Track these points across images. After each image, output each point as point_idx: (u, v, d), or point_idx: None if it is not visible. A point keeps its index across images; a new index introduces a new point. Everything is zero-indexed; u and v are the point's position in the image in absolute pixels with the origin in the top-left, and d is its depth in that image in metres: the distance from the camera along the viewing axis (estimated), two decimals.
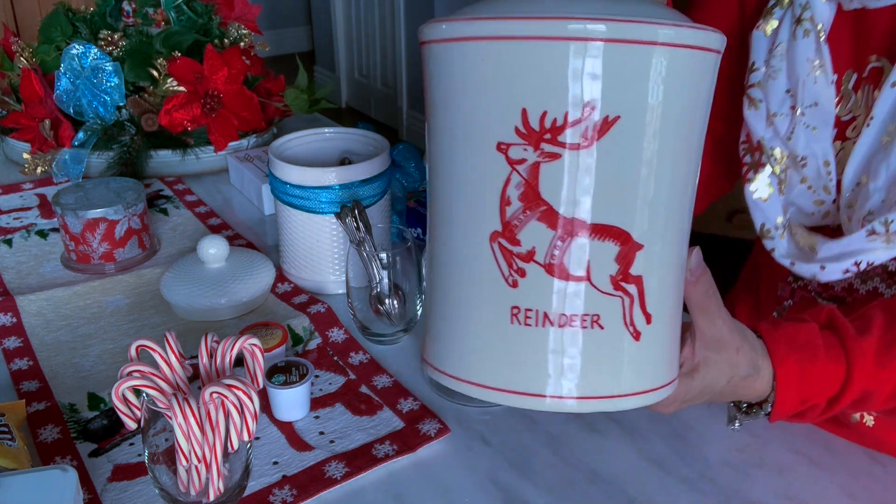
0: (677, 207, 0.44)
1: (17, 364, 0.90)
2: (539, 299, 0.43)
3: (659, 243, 0.44)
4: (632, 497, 0.72)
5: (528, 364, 0.44)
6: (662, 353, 0.47)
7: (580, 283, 0.43)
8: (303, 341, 0.94)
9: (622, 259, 0.43)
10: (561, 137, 0.41)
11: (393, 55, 3.88)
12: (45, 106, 1.37)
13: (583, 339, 0.43)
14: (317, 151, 1.09)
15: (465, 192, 0.44)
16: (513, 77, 0.40)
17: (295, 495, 0.72)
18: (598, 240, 0.42)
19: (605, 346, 0.44)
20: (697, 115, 0.44)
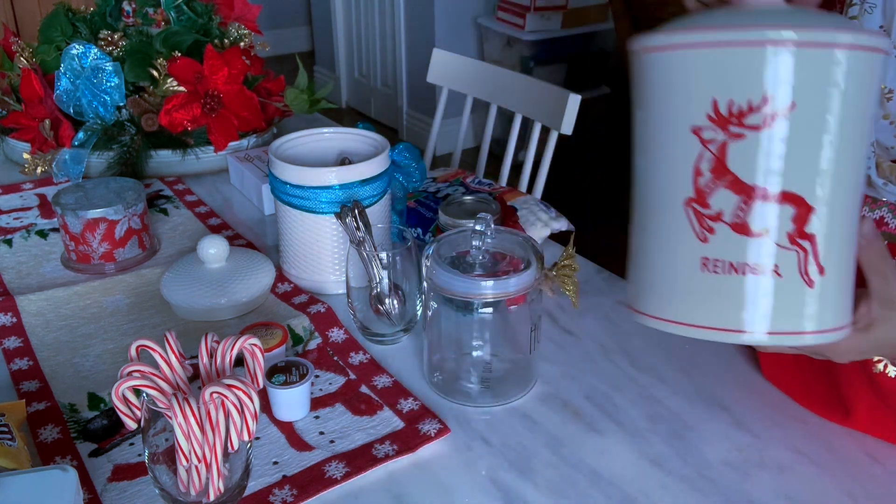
0: (845, 178, 0.52)
1: (17, 364, 0.90)
2: (726, 251, 0.52)
3: (829, 207, 0.52)
4: (632, 497, 0.72)
5: (719, 305, 0.53)
6: (834, 301, 0.54)
7: (761, 238, 0.52)
8: (303, 341, 0.94)
9: (798, 219, 0.51)
10: (746, 121, 0.51)
11: (393, 55, 3.88)
12: (45, 106, 1.37)
13: (763, 285, 0.52)
14: (317, 151, 1.09)
15: (664, 167, 0.55)
16: (710, 74, 0.51)
17: (295, 495, 0.72)
18: (777, 203, 0.51)
19: (784, 292, 0.52)
20: (865, 105, 0.53)
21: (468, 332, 0.85)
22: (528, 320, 0.84)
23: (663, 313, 0.56)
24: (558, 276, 0.85)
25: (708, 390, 0.86)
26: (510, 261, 0.84)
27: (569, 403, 0.85)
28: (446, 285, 0.80)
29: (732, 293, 0.53)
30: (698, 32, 0.53)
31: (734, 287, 0.53)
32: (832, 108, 0.51)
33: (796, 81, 0.50)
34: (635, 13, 2.80)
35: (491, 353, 0.86)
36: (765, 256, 0.52)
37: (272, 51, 1.83)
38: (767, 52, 0.50)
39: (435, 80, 1.77)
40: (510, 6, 3.45)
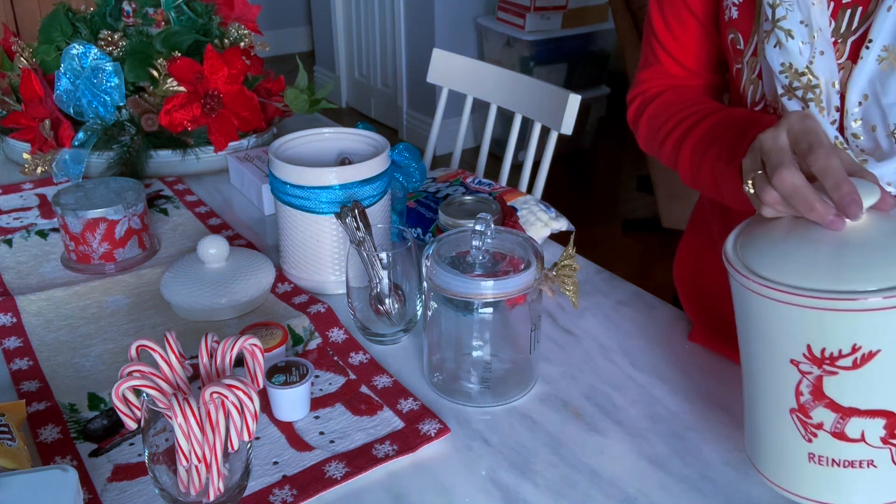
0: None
1: (17, 364, 0.90)
2: (828, 451, 0.61)
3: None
4: (632, 497, 0.72)
5: (825, 486, 0.63)
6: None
7: (856, 443, 0.60)
8: (303, 341, 0.94)
9: (888, 427, 0.59)
10: (837, 363, 0.58)
11: (393, 55, 3.88)
12: (45, 106, 1.37)
13: (862, 475, 0.61)
14: (316, 151, 1.09)
15: (770, 383, 0.64)
16: (807, 326, 0.59)
17: (295, 495, 0.72)
18: (869, 418, 0.59)
19: (879, 479, 0.61)
20: None
21: (468, 332, 0.85)
22: (528, 320, 0.84)
23: (778, 480, 0.66)
24: (558, 276, 0.85)
25: (708, 390, 0.86)
26: (510, 261, 0.84)
27: (569, 403, 0.85)
28: (446, 285, 0.80)
29: (836, 479, 0.62)
30: (798, 296, 0.58)
31: (838, 475, 0.62)
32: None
33: (883, 333, 0.57)
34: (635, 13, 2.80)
35: (491, 353, 0.86)
36: (861, 455, 0.60)
37: (272, 51, 1.84)
38: (859, 316, 0.57)
39: (435, 80, 1.77)
40: (510, 6, 3.45)
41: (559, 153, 1.53)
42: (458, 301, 0.82)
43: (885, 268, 0.57)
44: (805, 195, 0.61)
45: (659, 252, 2.88)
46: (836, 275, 0.58)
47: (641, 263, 2.83)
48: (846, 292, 0.56)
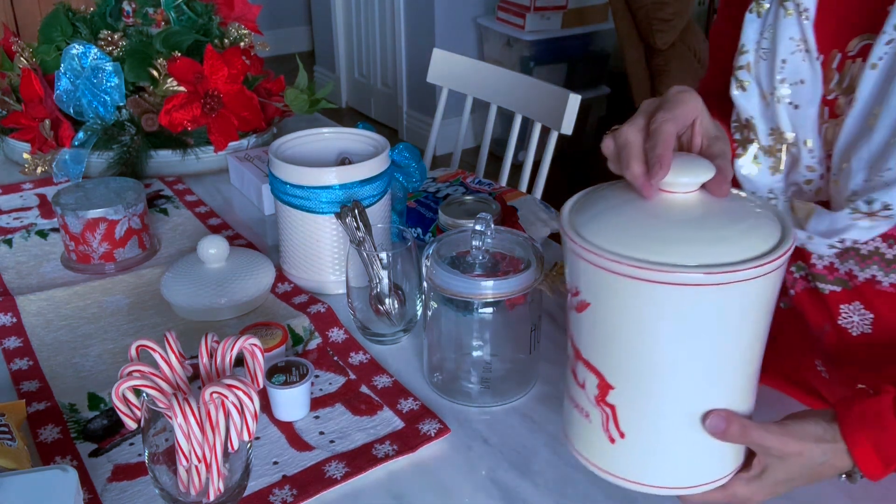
0: (658, 374, 0.59)
1: (17, 364, 0.90)
2: (569, 387, 0.65)
3: (631, 388, 0.60)
4: (632, 497, 0.72)
5: (565, 421, 0.67)
6: (638, 461, 0.62)
7: (581, 389, 0.63)
8: (303, 341, 0.94)
9: (600, 388, 0.61)
10: (573, 301, 0.61)
11: (393, 55, 3.88)
12: (45, 106, 1.37)
13: (580, 422, 0.64)
14: (316, 151, 1.09)
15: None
16: (567, 261, 0.61)
17: (295, 495, 0.72)
18: (588, 370, 0.61)
19: (593, 435, 0.63)
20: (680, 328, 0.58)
21: (468, 332, 0.85)
22: (528, 320, 0.84)
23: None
24: (558, 276, 0.85)
25: None
26: (510, 261, 0.84)
27: None
28: (446, 285, 0.80)
29: (568, 415, 0.66)
30: (571, 240, 0.59)
31: (569, 412, 0.66)
32: (624, 317, 0.58)
33: (593, 288, 0.59)
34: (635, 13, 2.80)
35: (491, 353, 0.86)
36: (582, 403, 0.63)
37: (272, 51, 1.83)
38: (579, 263, 0.59)
39: (435, 80, 1.77)
40: (510, 6, 3.45)
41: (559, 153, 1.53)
42: (458, 301, 0.82)
43: (647, 239, 0.57)
44: (629, 152, 0.61)
45: None
46: (605, 230, 0.58)
47: None
48: (589, 242, 0.57)
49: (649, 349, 0.58)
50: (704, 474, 0.63)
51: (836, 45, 0.76)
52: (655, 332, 0.57)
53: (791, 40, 0.75)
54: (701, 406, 0.60)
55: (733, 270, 0.54)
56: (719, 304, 0.56)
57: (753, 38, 0.78)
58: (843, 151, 0.75)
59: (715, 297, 0.56)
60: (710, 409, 0.60)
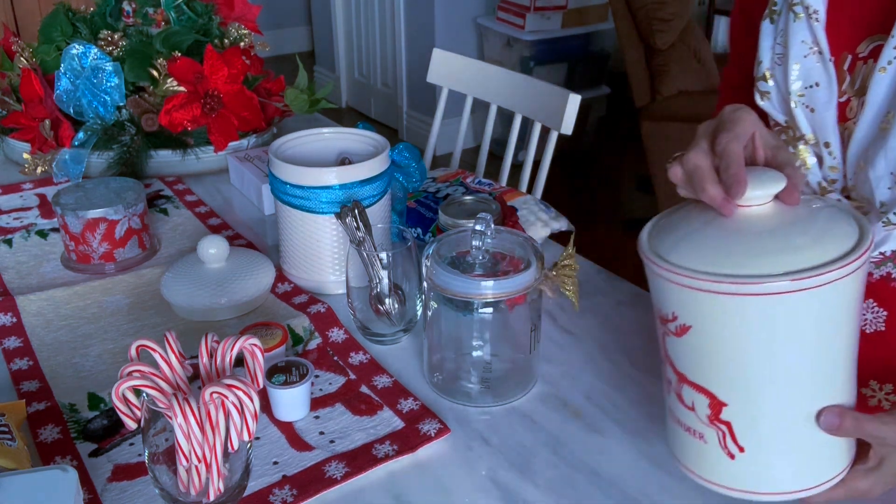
0: (768, 384, 0.60)
1: (17, 364, 0.90)
2: (674, 409, 0.66)
3: (744, 402, 0.61)
4: (632, 497, 0.72)
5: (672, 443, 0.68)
6: (760, 472, 0.63)
7: (689, 411, 0.63)
8: (303, 341, 0.94)
9: (712, 407, 0.62)
10: (668, 326, 0.62)
11: (393, 55, 3.88)
12: (45, 106, 1.37)
13: (694, 444, 0.64)
14: (316, 151, 1.09)
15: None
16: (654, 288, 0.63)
17: (295, 495, 0.72)
18: (696, 391, 0.62)
19: (709, 455, 0.63)
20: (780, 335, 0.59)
21: (468, 332, 0.85)
22: (528, 320, 0.84)
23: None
24: (558, 276, 0.85)
25: None
26: (510, 261, 0.84)
27: (569, 403, 0.85)
28: (446, 285, 0.80)
29: (678, 437, 0.66)
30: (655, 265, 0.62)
31: (679, 435, 0.66)
32: (727, 335, 0.59)
33: (692, 311, 0.60)
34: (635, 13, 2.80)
35: (491, 353, 0.86)
36: (693, 425, 0.64)
37: (272, 51, 1.83)
38: (674, 288, 0.60)
39: (435, 80, 1.77)
40: (510, 6, 3.45)
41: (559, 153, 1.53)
42: (458, 301, 0.82)
43: (734, 255, 0.59)
44: (701, 176, 0.62)
45: None
46: (692, 252, 0.60)
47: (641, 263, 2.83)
48: (680, 266, 0.59)
49: (757, 361, 0.59)
50: (824, 472, 0.64)
51: (847, 46, 0.76)
52: (759, 343, 0.59)
53: (803, 43, 0.75)
54: (813, 407, 0.61)
55: (818, 274, 0.56)
56: (814, 307, 0.58)
57: (769, 46, 0.79)
58: (858, 154, 0.75)
59: (808, 301, 0.57)
60: (821, 408, 0.61)
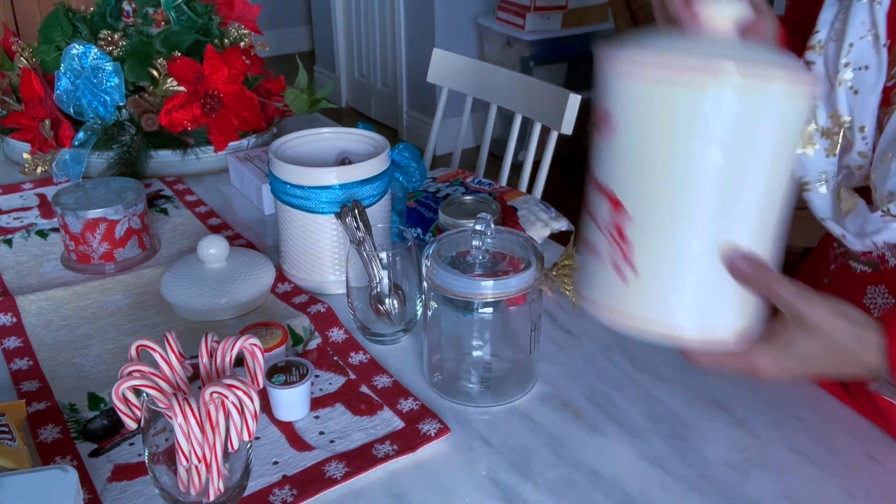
0: (679, 200, 0.57)
1: (17, 364, 0.90)
2: (585, 228, 0.62)
3: (651, 216, 0.57)
4: (632, 497, 0.72)
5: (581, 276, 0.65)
6: (651, 297, 0.59)
7: (591, 223, 0.60)
8: (303, 341, 0.94)
9: (613, 215, 0.58)
10: (599, 124, 0.59)
11: (393, 55, 3.88)
12: (45, 106, 1.37)
13: (591, 264, 0.62)
14: (316, 151, 1.09)
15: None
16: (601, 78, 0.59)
17: (295, 495, 0.72)
18: (602, 195, 0.58)
19: (603, 273, 0.60)
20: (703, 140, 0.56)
21: (468, 332, 0.85)
22: (528, 320, 0.84)
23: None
24: (558, 276, 0.85)
25: (708, 390, 0.86)
26: (510, 261, 0.84)
27: (569, 403, 0.85)
28: (446, 285, 0.80)
29: (584, 262, 0.63)
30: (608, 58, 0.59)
31: (585, 256, 0.63)
32: (654, 135, 0.56)
33: (624, 104, 0.57)
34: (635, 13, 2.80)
35: (491, 353, 0.86)
36: (592, 237, 0.60)
37: (272, 51, 1.83)
38: (611, 75, 0.57)
39: (435, 80, 1.77)
40: (510, 6, 3.45)
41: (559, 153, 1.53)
42: (458, 301, 0.82)
43: (683, 53, 0.56)
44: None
45: None
46: (639, 50, 0.57)
47: None
48: (626, 53, 0.57)
49: (674, 170, 0.56)
50: (719, 318, 0.60)
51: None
52: (682, 148, 0.55)
53: (862, 24, 0.75)
54: (723, 238, 0.57)
55: (767, 77, 0.54)
56: (749, 118, 0.55)
57: (828, 19, 0.78)
58: (889, 143, 0.74)
59: (746, 107, 0.54)
60: (731, 246, 0.57)
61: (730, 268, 0.57)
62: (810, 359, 0.62)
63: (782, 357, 0.62)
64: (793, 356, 0.61)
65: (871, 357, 0.62)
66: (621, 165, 0.58)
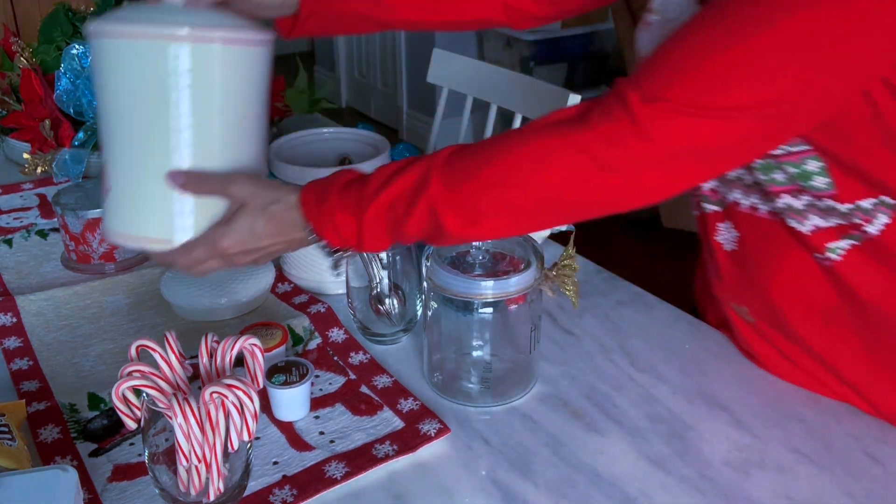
0: (130, 133, 0.73)
1: (17, 364, 0.90)
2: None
3: (111, 144, 0.74)
4: (632, 497, 0.72)
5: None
6: (123, 213, 0.75)
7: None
8: (303, 341, 0.94)
9: (104, 154, 0.75)
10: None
11: (393, 55, 3.88)
12: (45, 106, 1.37)
13: (102, 195, 0.77)
14: (317, 151, 1.09)
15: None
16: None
17: (295, 495, 0.72)
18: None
19: (104, 202, 0.76)
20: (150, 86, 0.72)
21: (468, 332, 0.85)
22: (528, 320, 0.84)
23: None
24: (558, 276, 0.85)
25: (708, 390, 0.86)
26: (510, 261, 0.84)
27: (569, 403, 0.85)
28: (446, 285, 0.80)
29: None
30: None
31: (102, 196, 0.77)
32: (122, 83, 0.72)
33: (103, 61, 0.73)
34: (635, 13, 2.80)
35: (491, 353, 0.86)
36: (103, 171, 0.76)
37: None
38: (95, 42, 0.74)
39: (435, 80, 1.77)
40: None
41: None
42: (458, 301, 0.82)
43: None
44: None
45: (659, 252, 2.88)
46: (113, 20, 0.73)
47: (641, 263, 2.83)
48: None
49: (137, 109, 0.72)
50: (177, 225, 0.74)
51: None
52: (146, 92, 0.71)
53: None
54: (174, 163, 0.72)
55: (206, 36, 0.71)
56: (196, 67, 0.70)
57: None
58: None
59: (193, 58, 0.70)
60: (179, 166, 0.72)
61: (178, 185, 0.72)
62: (255, 230, 0.73)
63: (233, 233, 0.73)
64: (240, 230, 0.73)
65: (295, 216, 0.74)
66: (103, 110, 0.73)
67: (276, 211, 0.73)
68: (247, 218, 0.73)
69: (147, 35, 0.70)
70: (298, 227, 0.74)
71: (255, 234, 0.74)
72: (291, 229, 0.74)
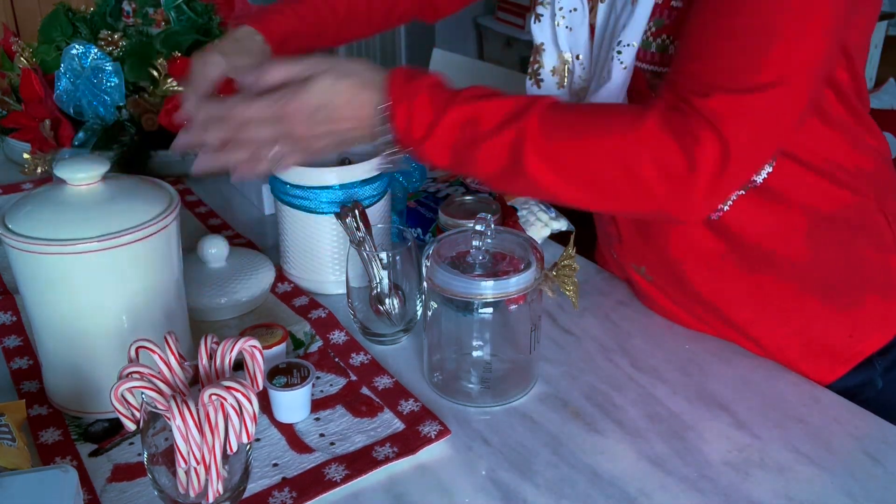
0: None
1: (17, 363, 0.90)
2: None
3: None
4: (632, 497, 0.72)
5: None
6: None
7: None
8: (304, 345, 0.94)
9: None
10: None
11: (393, 55, 3.88)
12: (45, 106, 1.37)
13: None
14: None
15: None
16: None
17: (295, 497, 0.71)
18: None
19: None
20: None
21: (468, 332, 0.85)
22: (528, 320, 0.84)
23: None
24: (558, 276, 0.85)
25: (708, 390, 0.86)
26: (510, 261, 0.84)
27: (569, 403, 0.85)
28: (446, 285, 0.80)
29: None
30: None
31: None
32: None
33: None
34: None
35: (491, 353, 0.85)
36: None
37: None
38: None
39: None
40: (510, 6, 3.45)
41: None
42: (458, 301, 0.81)
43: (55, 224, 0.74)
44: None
45: None
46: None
47: None
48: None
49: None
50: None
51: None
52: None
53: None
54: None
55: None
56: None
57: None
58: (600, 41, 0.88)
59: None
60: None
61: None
62: (330, 94, 0.74)
63: (305, 94, 0.74)
64: (314, 92, 0.74)
65: (372, 93, 0.75)
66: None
67: (355, 82, 0.74)
68: (325, 80, 0.73)
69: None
70: (372, 104, 0.74)
71: (328, 100, 0.74)
72: (363, 105, 0.75)
